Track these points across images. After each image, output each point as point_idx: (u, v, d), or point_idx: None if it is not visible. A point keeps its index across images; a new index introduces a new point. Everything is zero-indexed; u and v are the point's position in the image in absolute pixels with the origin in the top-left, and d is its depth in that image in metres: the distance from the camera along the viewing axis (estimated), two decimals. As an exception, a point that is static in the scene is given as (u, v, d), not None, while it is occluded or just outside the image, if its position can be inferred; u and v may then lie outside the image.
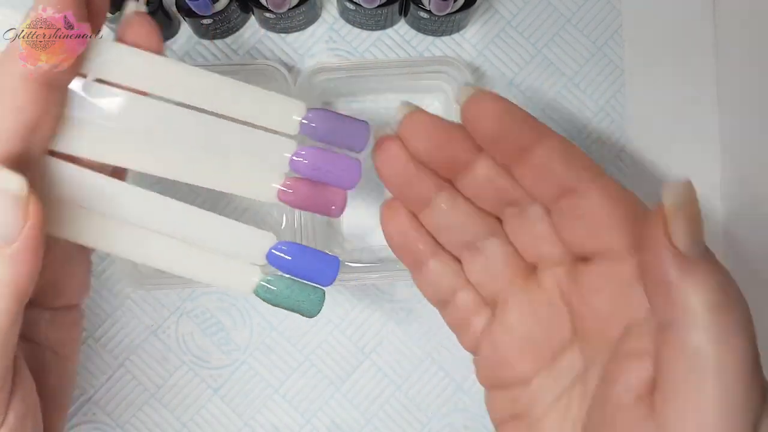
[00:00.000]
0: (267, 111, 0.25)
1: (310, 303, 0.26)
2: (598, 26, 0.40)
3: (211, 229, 0.25)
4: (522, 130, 0.24)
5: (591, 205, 0.23)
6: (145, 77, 0.23)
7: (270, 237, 0.26)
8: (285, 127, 0.25)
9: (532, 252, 0.26)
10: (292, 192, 0.25)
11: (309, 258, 0.26)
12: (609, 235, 0.23)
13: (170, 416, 0.39)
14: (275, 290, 0.26)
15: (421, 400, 0.39)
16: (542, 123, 0.25)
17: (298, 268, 0.26)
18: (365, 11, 0.37)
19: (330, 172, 0.25)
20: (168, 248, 0.25)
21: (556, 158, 0.24)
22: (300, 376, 0.39)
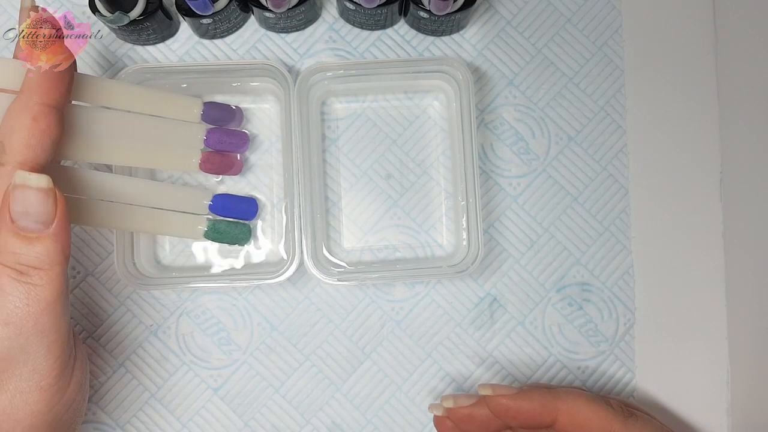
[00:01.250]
0: (176, 108, 0.36)
1: (244, 235, 0.38)
2: (598, 26, 0.40)
3: (168, 195, 0.36)
4: (538, 411, 0.33)
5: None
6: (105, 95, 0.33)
7: (209, 193, 0.38)
8: (191, 117, 0.36)
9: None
10: (208, 161, 0.37)
11: (236, 202, 0.38)
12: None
13: (170, 416, 0.39)
14: (219, 230, 0.37)
15: (422, 400, 0.39)
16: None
17: (230, 210, 0.37)
18: (365, 11, 0.37)
19: (230, 143, 0.37)
20: (139, 215, 0.36)
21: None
22: (300, 376, 0.39)
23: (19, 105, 0.28)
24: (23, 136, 0.28)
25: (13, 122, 0.28)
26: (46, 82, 0.28)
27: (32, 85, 0.28)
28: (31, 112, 0.28)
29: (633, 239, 0.40)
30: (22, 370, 0.27)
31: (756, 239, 0.37)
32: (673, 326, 0.40)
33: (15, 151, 0.27)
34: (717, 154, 0.40)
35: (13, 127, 0.28)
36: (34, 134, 0.28)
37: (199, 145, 0.37)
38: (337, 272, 0.37)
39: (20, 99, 0.28)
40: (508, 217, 0.40)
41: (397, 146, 0.40)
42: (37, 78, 0.28)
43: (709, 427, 0.39)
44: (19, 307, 0.27)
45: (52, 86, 0.29)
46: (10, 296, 0.27)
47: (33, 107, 0.28)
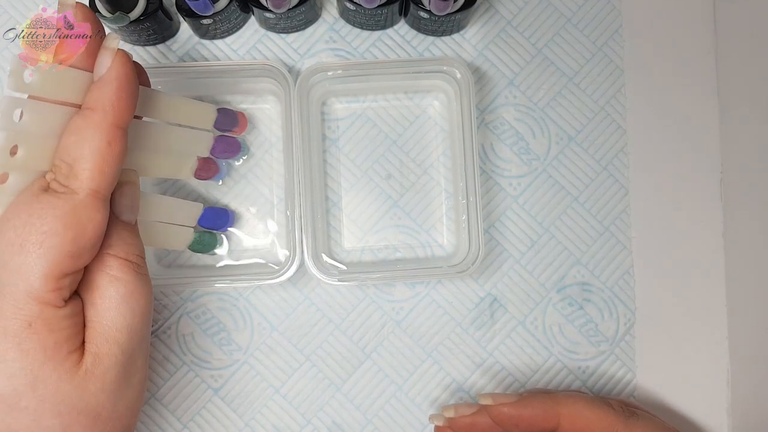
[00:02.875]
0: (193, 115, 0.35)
1: (218, 245, 0.39)
2: (598, 26, 0.40)
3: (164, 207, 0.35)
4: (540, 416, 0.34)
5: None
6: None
7: (199, 206, 0.37)
8: (206, 125, 0.36)
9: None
10: (203, 169, 0.37)
11: (220, 215, 0.38)
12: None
13: (171, 416, 0.39)
14: (203, 242, 0.37)
15: (422, 401, 0.39)
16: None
17: (215, 223, 0.38)
18: (365, 11, 0.37)
19: (230, 152, 0.38)
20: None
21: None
22: (301, 377, 0.39)
23: (91, 125, 0.25)
24: (97, 161, 0.25)
25: (84, 144, 0.25)
26: (120, 101, 0.26)
27: (107, 104, 0.25)
28: (106, 135, 0.25)
29: (633, 239, 0.40)
30: (142, 360, 0.28)
31: (756, 239, 0.37)
32: (673, 326, 0.40)
33: (88, 177, 0.25)
34: (717, 154, 0.40)
35: (84, 150, 0.25)
36: (107, 160, 0.25)
37: (202, 153, 0.36)
38: (337, 272, 0.37)
39: (91, 118, 0.25)
40: (509, 217, 0.40)
41: (398, 146, 0.40)
42: (110, 96, 0.25)
43: (710, 426, 0.39)
44: (148, 299, 0.27)
45: (127, 106, 0.26)
46: (142, 288, 0.27)
47: (108, 129, 0.25)
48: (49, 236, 0.24)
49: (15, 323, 0.24)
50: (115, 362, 0.26)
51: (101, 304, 0.26)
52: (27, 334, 0.24)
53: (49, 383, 0.24)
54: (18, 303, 0.24)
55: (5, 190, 0.25)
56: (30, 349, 0.24)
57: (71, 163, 0.25)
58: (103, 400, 0.26)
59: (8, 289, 0.24)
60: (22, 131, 0.24)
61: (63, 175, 0.25)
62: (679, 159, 0.40)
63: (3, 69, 0.39)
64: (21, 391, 0.24)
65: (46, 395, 0.24)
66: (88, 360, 0.25)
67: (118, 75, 0.26)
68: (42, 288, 0.24)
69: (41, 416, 0.24)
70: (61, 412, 0.25)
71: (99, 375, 0.25)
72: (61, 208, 0.24)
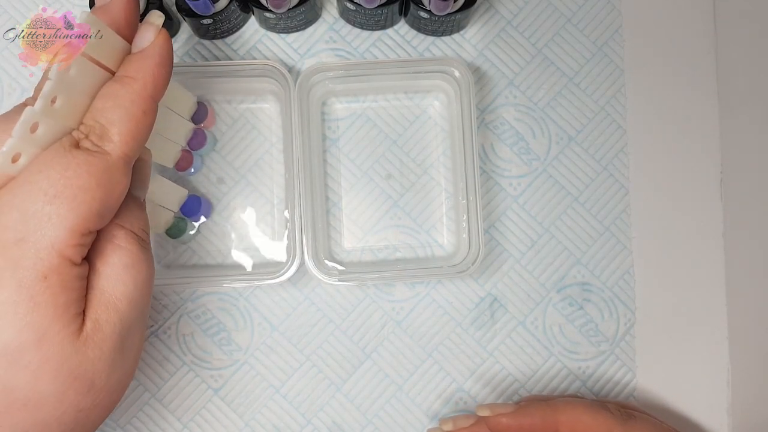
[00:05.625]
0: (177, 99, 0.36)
1: (188, 233, 0.38)
2: (598, 26, 0.40)
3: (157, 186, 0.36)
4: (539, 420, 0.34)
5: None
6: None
7: (184, 192, 0.38)
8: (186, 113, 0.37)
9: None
10: (184, 160, 0.38)
11: (201, 204, 0.38)
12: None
13: (171, 417, 0.39)
14: (180, 228, 0.38)
15: (422, 401, 0.39)
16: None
17: (193, 211, 0.38)
18: (365, 11, 0.37)
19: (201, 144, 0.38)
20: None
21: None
22: (301, 377, 0.39)
23: (131, 93, 0.26)
24: (131, 127, 0.26)
25: (122, 110, 0.26)
26: (160, 75, 0.27)
27: (147, 76, 0.27)
28: (143, 104, 0.26)
29: (633, 239, 0.40)
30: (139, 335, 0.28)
31: (756, 239, 0.37)
32: (673, 326, 0.40)
33: (121, 141, 0.26)
34: (717, 154, 0.40)
35: (122, 116, 0.26)
36: (140, 129, 0.26)
37: (183, 143, 0.37)
38: (337, 272, 0.37)
39: (131, 86, 0.26)
40: (509, 217, 0.40)
41: (398, 146, 0.40)
42: (152, 68, 0.27)
43: (710, 426, 0.39)
44: (149, 273, 0.28)
45: (165, 81, 0.27)
46: (145, 262, 0.27)
47: (146, 100, 0.26)
48: (83, 191, 0.24)
49: (31, 274, 0.24)
50: (114, 331, 0.26)
51: (104, 270, 0.26)
52: (41, 287, 0.24)
53: (54, 343, 0.24)
54: (40, 252, 0.24)
55: (34, 140, 0.25)
56: (42, 303, 0.24)
57: (106, 125, 0.26)
58: (99, 369, 0.26)
59: (33, 236, 0.24)
60: (65, 84, 0.25)
61: (96, 135, 0.26)
62: (679, 159, 0.40)
63: (3, 69, 0.39)
64: (26, 347, 0.24)
65: (50, 355, 0.24)
66: (89, 326, 0.25)
67: (161, 50, 0.27)
68: (67, 240, 0.24)
69: (40, 376, 0.24)
70: (59, 375, 0.25)
71: (98, 342, 0.25)
72: (96, 165, 0.25)
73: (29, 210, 0.24)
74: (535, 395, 0.39)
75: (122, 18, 0.27)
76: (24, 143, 0.24)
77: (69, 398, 0.25)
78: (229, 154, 0.39)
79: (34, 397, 0.24)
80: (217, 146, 0.39)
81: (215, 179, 0.39)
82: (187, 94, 0.37)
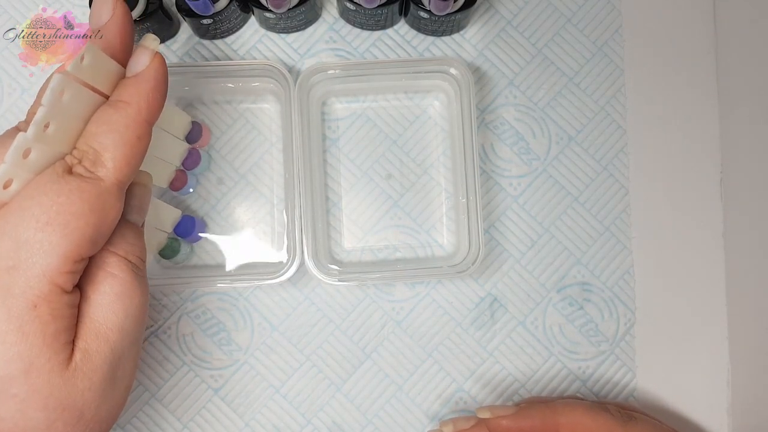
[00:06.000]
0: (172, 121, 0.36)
1: (182, 253, 0.38)
2: (598, 26, 0.40)
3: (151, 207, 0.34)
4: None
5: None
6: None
7: (178, 212, 0.37)
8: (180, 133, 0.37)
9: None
10: (179, 180, 0.38)
11: (195, 224, 0.38)
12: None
13: (171, 417, 0.39)
14: (174, 248, 0.37)
15: (422, 401, 0.39)
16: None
17: (187, 231, 0.38)
18: (365, 11, 0.37)
19: (195, 165, 0.38)
20: None
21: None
22: (301, 377, 0.39)
23: (125, 117, 0.26)
24: (125, 153, 0.26)
25: (116, 135, 0.26)
26: (154, 99, 0.27)
27: (142, 100, 0.26)
28: (137, 129, 0.26)
29: (633, 239, 0.40)
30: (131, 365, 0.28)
31: (756, 239, 0.37)
32: (673, 326, 0.40)
33: (114, 167, 0.25)
34: (717, 154, 0.40)
35: (116, 141, 0.26)
36: (135, 154, 0.26)
37: (177, 163, 0.37)
38: (337, 272, 0.37)
39: (125, 111, 0.26)
40: (509, 217, 0.40)
41: (398, 146, 0.40)
42: (146, 93, 0.26)
43: (710, 426, 0.39)
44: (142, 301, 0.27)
45: (159, 105, 0.27)
46: (138, 290, 0.27)
47: (140, 125, 0.26)
48: (75, 217, 0.24)
49: (21, 302, 0.24)
50: (104, 361, 0.26)
51: (95, 299, 0.26)
52: (30, 316, 0.24)
53: (42, 373, 0.24)
54: (30, 281, 0.24)
55: (26, 165, 0.24)
56: (30, 333, 0.24)
57: (99, 150, 0.25)
58: (89, 400, 0.25)
59: (23, 264, 0.24)
60: (58, 109, 0.25)
61: (89, 160, 0.25)
62: (679, 159, 0.40)
63: (3, 69, 0.39)
64: (14, 377, 0.24)
65: (38, 385, 0.24)
66: (78, 356, 0.25)
67: (156, 74, 0.27)
68: (59, 268, 0.24)
69: (28, 407, 0.24)
70: (48, 405, 0.24)
71: (88, 372, 0.25)
72: (89, 192, 0.25)
73: (21, 237, 0.24)
74: (536, 397, 0.39)
75: (117, 42, 0.27)
76: (16, 169, 0.24)
77: (58, 429, 0.25)
78: (229, 154, 0.39)
79: (22, 428, 0.24)
80: (217, 146, 0.39)
81: (215, 179, 0.39)
82: (182, 114, 0.37)
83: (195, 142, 0.38)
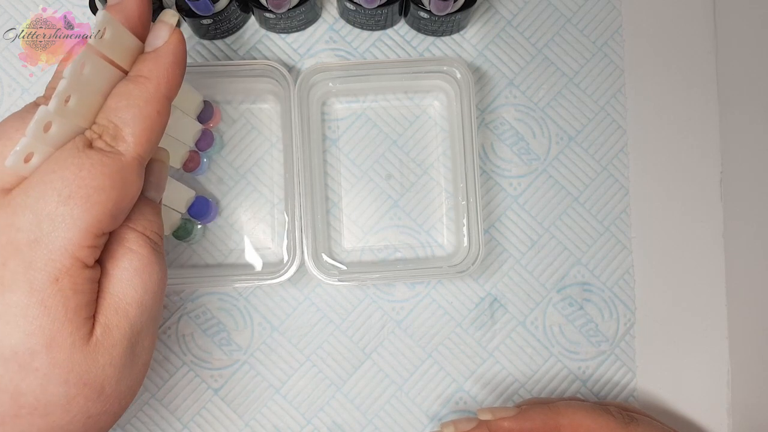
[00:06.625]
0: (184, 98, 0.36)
1: (195, 235, 0.38)
2: (598, 26, 0.40)
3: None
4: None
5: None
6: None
7: (192, 193, 0.38)
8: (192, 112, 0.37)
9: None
10: (192, 161, 0.38)
11: (209, 206, 0.38)
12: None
13: (171, 417, 0.39)
14: (187, 229, 0.37)
15: (422, 401, 0.39)
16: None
17: (200, 212, 0.38)
18: (365, 11, 0.37)
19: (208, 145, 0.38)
20: None
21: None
22: (301, 377, 0.39)
23: (144, 92, 0.26)
24: (145, 128, 0.26)
25: (135, 109, 0.25)
26: (174, 75, 0.27)
27: (161, 75, 0.26)
28: (157, 104, 0.26)
29: (633, 239, 0.40)
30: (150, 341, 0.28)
31: (756, 239, 0.37)
32: (673, 326, 0.40)
33: (135, 142, 0.25)
34: (717, 154, 0.40)
35: (136, 116, 0.25)
36: (154, 129, 0.26)
37: (191, 143, 0.37)
38: (337, 272, 0.37)
39: (145, 86, 0.26)
40: (509, 217, 0.40)
41: (398, 146, 0.40)
42: (166, 68, 0.26)
43: (710, 426, 0.39)
44: (161, 276, 0.27)
45: (178, 80, 0.27)
46: (157, 265, 0.27)
47: (159, 100, 0.26)
48: (97, 191, 0.24)
49: (43, 276, 0.23)
50: (124, 336, 0.26)
51: (114, 274, 0.26)
52: (52, 290, 0.24)
53: (64, 347, 0.24)
54: (52, 254, 0.24)
55: (47, 139, 0.24)
56: (52, 307, 0.24)
57: (120, 125, 0.25)
58: (109, 375, 0.25)
59: (46, 238, 0.24)
60: (79, 83, 0.24)
61: (110, 135, 0.25)
62: (679, 159, 0.40)
63: (3, 69, 0.39)
64: (36, 351, 0.24)
65: (59, 360, 0.24)
66: (98, 331, 0.25)
67: (176, 49, 0.27)
68: (81, 242, 0.24)
69: (49, 381, 0.24)
70: (69, 380, 0.24)
71: (108, 347, 0.25)
72: (110, 166, 0.24)
73: (43, 211, 0.24)
74: (536, 398, 0.39)
75: (136, 16, 0.27)
76: (37, 142, 0.24)
77: (78, 404, 0.25)
78: (229, 154, 0.39)
79: (43, 403, 0.24)
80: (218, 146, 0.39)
81: (215, 179, 0.39)
82: (195, 93, 0.37)
83: (207, 121, 0.38)
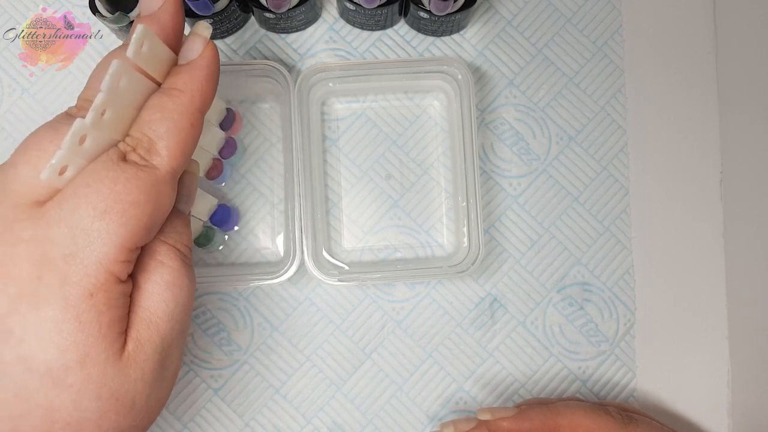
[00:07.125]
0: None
1: (218, 242, 0.39)
2: (598, 26, 0.40)
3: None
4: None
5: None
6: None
7: (214, 201, 0.38)
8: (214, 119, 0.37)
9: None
10: (215, 169, 0.38)
11: (231, 214, 0.38)
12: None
13: (171, 417, 0.39)
14: (209, 237, 0.38)
15: (422, 401, 0.39)
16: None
17: (222, 220, 0.38)
18: (365, 11, 0.37)
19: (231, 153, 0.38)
20: None
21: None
22: (301, 377, 0.39)
23: (179, 106, 0.26)
24: (180, 141, 0.25)
25: (169, 123, 0.25)
26: (208, 88, 0.26)
27: (196, 89, 0.26)
28: (192, 117, 0.26)
29: (633, 239, 0.40)
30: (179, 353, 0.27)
31: (756, 239, 0.37)
32: (673, 326, 0.40)
33: (169, 156, 0.25)
34: (717, 154, 0.40)
35: (170, 129, 0.25)
36: (189, 142, 0.26)
37: (214, 152, 0.37)
38: (337, 272, 0.37)
39: (179, 99, 0.26)
40: (509, 217, 0.40)
41: (398, 146, 0.40)
42: (200, 81, 0.26)
43: (710, 427, 0.39)
44: (191, 289, 0.27)
45: (212, 93, 0.27)
46: (187, 278, 0.27)
47: (194, 113, 0.26)
48: (132, 206, 0.24)
49: (78, 291, 0.23)
50: (155, 350, 0.25)
51: (146, 288, 0.26)
52: (87, 305, 0.23)
53: (98, 363, 0.24)
54: (87, 269, 0.23)
55: (81, 152, 0.24)
56: (87, 322, 0.23)
57: (154, 138, 0.25)
58: (141, 389, 0.25)
59: (81, 253, 0.23)
60: (115, 95, 0.24)
61: (144, 148, 0.25)
62: (679, 159, 0.40)
63: (3, 69, 0.39)
64: (70, 367, 0.23)
65: (93, 376, 0.24)
66: (130, 346, 0.25)
67: (209, 62, 0.27)
68: (115, 257, 0.24)
69: (82, 397, 0.24)
70: (101, 396, 0.24)
71: (140, 362, 0.25)
72: (144, 180, 0.24)
73: (78, 225, 0.23)
74: (536, 398, 0.39)
75: (170, 27, 0.26)
76: (72, 155, 0.24)
77: (110, 419, 0.24)
78: (229, 154, 0.40)
79: (76, 419, 0.24)
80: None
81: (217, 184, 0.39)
82: (218, 100, 0.37)
83: (228, 128, 0.38)
